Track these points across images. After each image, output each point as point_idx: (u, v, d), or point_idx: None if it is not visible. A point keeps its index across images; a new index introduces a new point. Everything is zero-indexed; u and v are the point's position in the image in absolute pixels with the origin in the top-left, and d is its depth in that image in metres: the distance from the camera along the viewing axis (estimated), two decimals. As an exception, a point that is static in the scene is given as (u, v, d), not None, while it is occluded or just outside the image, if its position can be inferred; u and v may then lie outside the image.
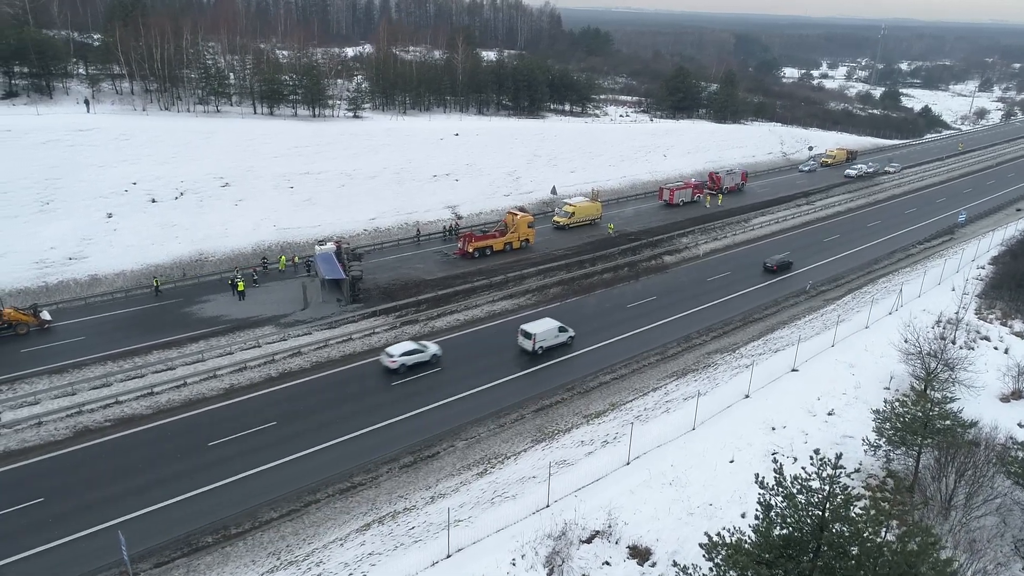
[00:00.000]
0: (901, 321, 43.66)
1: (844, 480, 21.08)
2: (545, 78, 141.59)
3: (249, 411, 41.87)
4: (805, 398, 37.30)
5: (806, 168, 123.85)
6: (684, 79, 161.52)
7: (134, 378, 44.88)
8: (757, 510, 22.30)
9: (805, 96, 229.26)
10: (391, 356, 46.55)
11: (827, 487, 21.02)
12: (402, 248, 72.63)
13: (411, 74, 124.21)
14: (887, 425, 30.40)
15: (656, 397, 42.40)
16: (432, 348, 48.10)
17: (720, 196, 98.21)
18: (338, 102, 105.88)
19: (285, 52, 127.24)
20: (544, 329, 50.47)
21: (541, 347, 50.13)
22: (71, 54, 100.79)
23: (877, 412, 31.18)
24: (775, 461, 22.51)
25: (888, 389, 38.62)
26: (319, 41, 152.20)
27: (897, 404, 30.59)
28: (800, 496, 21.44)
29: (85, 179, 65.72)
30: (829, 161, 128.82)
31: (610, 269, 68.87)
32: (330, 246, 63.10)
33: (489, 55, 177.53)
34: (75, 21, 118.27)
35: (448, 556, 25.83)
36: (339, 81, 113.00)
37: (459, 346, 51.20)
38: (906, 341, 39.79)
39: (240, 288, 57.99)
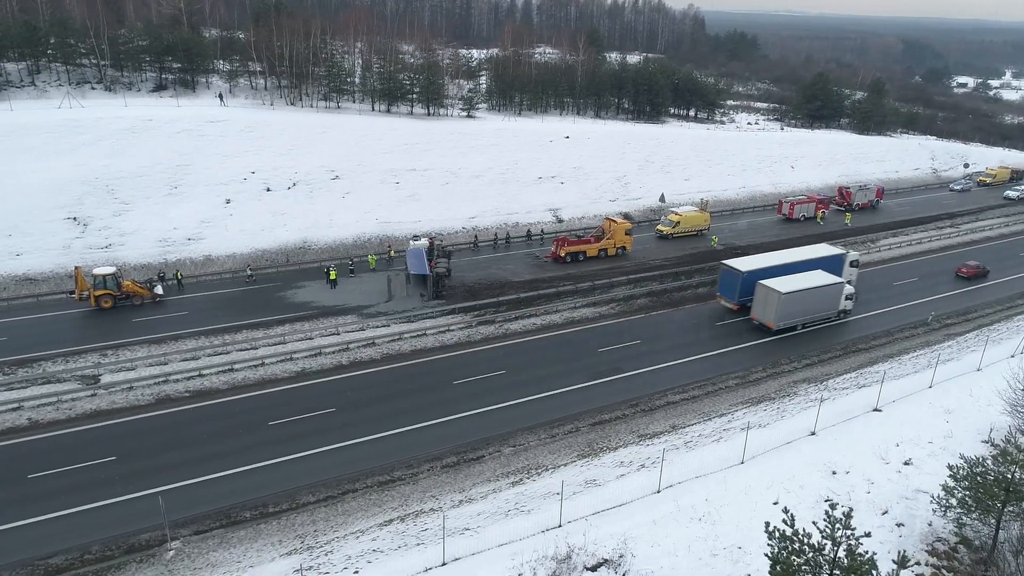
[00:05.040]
0: (1020, 366, 38.00)
1: (854, 543, 18.52)
2: (668, 82, 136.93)
3: (313, 395, 43.41)
4: (881, 442, 33.28)
5: (958, 187, 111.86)
6: (823, 86, 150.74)
7: (220, 354, 48.09)
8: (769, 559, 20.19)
9: (974, 108, 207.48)
10: None
11: (836, 549, 18.61)
12: (496, 248, 72.93)
13: (529, 75, 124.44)
14: (963, 484, 26.39)
15: (718, 424, 39.55)
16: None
17: (848, 214, 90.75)
18: (455, 101, 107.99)
19: (417, 52, 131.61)
20: None
21: None
22: (217, 52, 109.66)
23: (952, 468, 27.17)
24: (786, 511, 20.13)
25: (987, 443, 33.65)
26: (457, 42, 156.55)
27: (975, 460, 26.47)
28: (808, 554, 19.12)
29: (210, 167, 71.36)
30: (987, 180, 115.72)
31: (707, 284, 65.30)
32: (423, 242, 64.35)
33: (620, 57, 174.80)
34: (224, 20, 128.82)
35: (443, 564, 25.30)
36: (459, 81, 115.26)
37: (527, 351, 50.48)
38: None
39: (332, 277, 60.56)
